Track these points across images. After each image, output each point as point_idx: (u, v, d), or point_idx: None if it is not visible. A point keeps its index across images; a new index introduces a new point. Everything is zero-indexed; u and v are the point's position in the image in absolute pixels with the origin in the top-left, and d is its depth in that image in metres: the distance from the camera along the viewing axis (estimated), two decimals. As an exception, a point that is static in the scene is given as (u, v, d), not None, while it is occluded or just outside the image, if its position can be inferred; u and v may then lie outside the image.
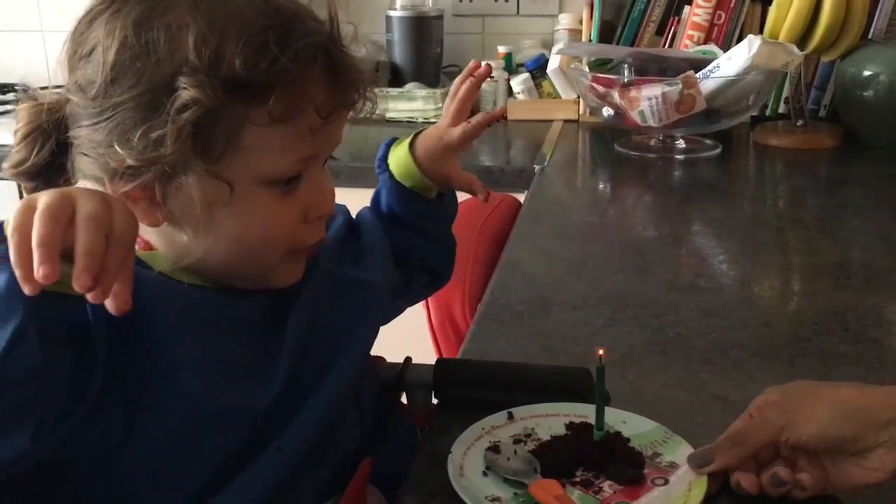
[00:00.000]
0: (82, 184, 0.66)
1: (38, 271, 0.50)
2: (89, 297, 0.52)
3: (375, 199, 0.91)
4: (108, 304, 0.53)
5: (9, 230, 0.52)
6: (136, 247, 0.69)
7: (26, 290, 0.51)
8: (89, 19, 0.64)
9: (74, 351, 0.58)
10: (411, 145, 0.88)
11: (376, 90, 0.72)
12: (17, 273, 0.51)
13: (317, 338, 0.73)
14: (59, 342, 0.57)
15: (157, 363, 0.64)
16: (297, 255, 0.71)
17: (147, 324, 0.63)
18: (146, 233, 0.69)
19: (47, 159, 0.68)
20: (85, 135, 0.64)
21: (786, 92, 1.88)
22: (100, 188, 0.66)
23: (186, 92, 0.59)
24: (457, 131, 0.87)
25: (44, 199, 0.52)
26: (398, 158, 0.88)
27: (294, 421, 0.70)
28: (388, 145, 0.90)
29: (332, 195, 0.71)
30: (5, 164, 0.69)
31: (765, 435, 0.66)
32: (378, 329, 0.81)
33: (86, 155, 0.64)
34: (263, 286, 0.72)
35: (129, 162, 0.61)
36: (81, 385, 0.60)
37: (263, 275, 0.71)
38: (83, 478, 0.65)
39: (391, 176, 0.88)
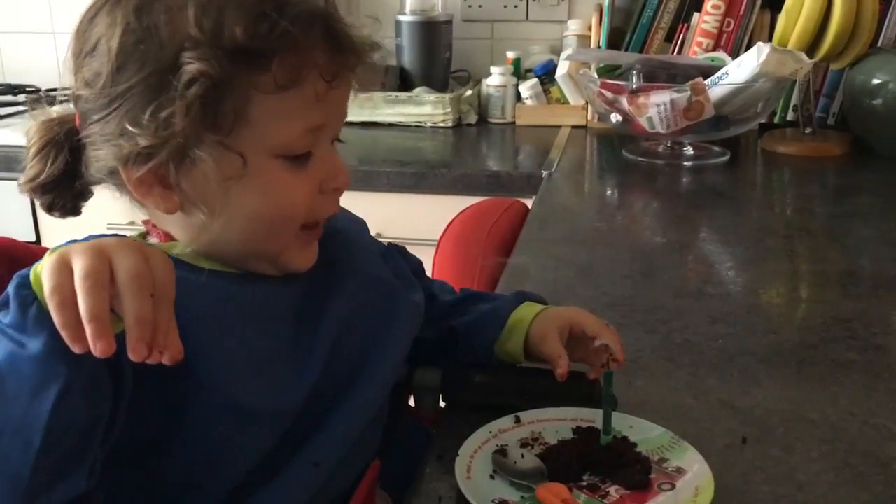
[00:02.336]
0: (97, 170, 0.66)
1: (96, 347, 0.51)
2: (148, 360, 0.53)
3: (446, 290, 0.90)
4: (164, 358, 0.53)
5: (46, 290, 0.52)
6: (156, 240, 0.70)
7: (76, 349, 0.51)
8: (90, 17, 0.65)
9: (110, 375, 0.58)
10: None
11: (381, 68, 0.72)
12: (65, 335, 0.51)
13: (353, 340, 0.73)
14: (100, 385, 0.57)
15: (186, 363, 0.61)
16: (311, 233, 0.71)
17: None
18: (163, 223, 0.69)
19: (61, 169, 0.68)
20: (97, 130, 0.64)
21: (794, 99, 1.88)
22: (113, 182, 0.67)
23: (191, 66, 0.60)
24: (593, 320, 0.81)
25: (80, 260, 0.52)
26: (523, 312, 0.84)
27: (327, 431, 0.70)
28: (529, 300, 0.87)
29: (344, 168, 0.71)
30: (21, 181, 0.70)
31: None
32: (408, 347, 0.80)
33: (98, 149, 0.65)
34: (278, 269, 0.71)
35: (142, 143, 0.61)
36: (118, 403, 0.60)
37: (278, 255, 0.70)
38: (114, 478, 0.64)
39: (503, 324, 0.83)
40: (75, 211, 0.72)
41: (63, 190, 0.70)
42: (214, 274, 0.68)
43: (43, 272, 0.52)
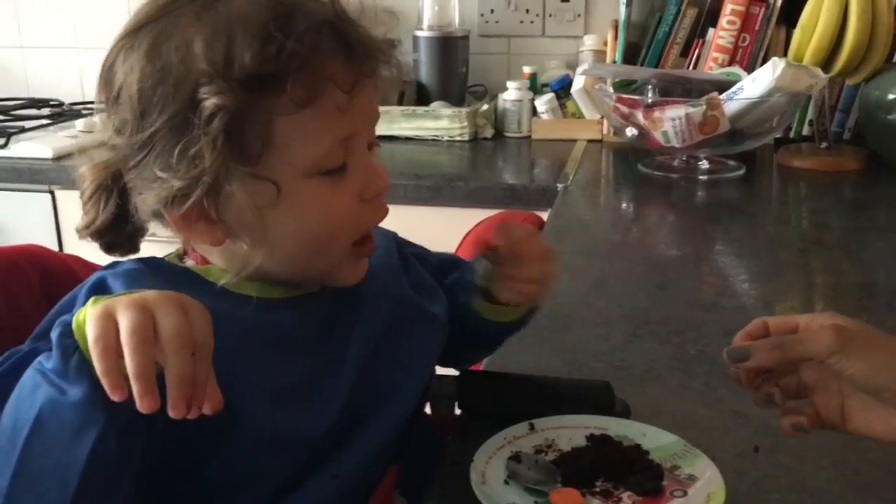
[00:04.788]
0: (143, 214, 0.68)
1: (142, 404, 0.52)
2: (188, 416, 0.54)
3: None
4: (204, 409, 0.55)
5: (90, 338, 0.53)
6: (192, 262, 0.71)
7: (115, 397, 0.53)
8: (109, 64, 0.66)
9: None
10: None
11: (401, 65, 0.70)
12: (106, 382, 0.52)
13: (379, 363, 0.73)
14: (134, 427, 0.58)
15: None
16: (363, 249, 0.71)
17: None
18: (211, 254, 0.70)
19: (113, 213, 0.70)
20: (135, 175, 0.65)
21: (810, 114, 1.89)
22: (160, 222, 0.68)
23: (209, 101, 0.60)
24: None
25: (125, 315, 0.53)
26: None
27: (351, 449, 0.71)
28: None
29: (384, 172, 0.70)
30: (78, 227, 0.71)
31: (814, 350, 0.63)
32: (434, 363, 0.80)
33: (140, 193, 0.66)
34: (328, 284, 0.72)
35: (176, 184, 0.62)
36: (150, 438, 0.61)
37: (329, 271, 0.70)
38: (143, 498, 0.66)
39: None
40: (133, 249, 0.73)
41: (118, 232, 0.71)
42: (243, 303, 0.68)
43: (87, 322, 0.53)
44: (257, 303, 0.69)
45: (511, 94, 2.04)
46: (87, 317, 0.54)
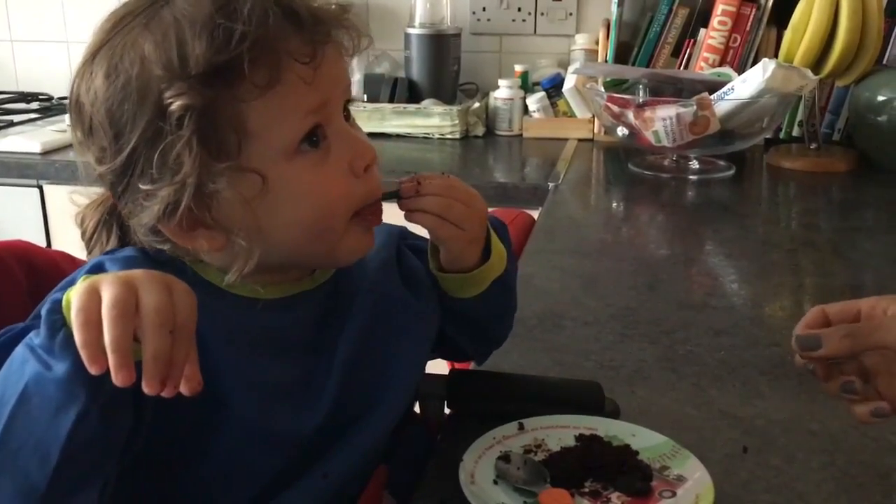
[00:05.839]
0: (143, 234, 0.67)
1: (117, 377, 0.52)
2: (162, 394, 0.54)
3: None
4: (182, 388, 0.54)
5: (73, 310, 0.53)
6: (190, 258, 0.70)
7: (93, 370, 0.52)
8: (75, 98, 0.65)
9: (133, 397, 0.58)
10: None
11: (368, 39, 0.69)
12: (84, 354, 0.52)
13: (366, 363, 0.73)
14: (120, 407, 0.58)
15: (210, 388, 0.62)
16: (364, 221, 0.69)
17: (199, 351, 0.60)
18: (214, 260, 0.68)
19: (117, 246, 0.70)
20: (127, 199, 0.65)
21: (800, 115, 1.89)
22: (161, 239, 0.67)
23: (174, 104, 0.60)
24: None
25: (109, 289, 0.53)
26: None
27: (342, 448, 0.71)
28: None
29: (367, 141, 0.69)
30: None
31: (891, 339, 0.61)
32: (427, 360, 0.80)
33: (135, 216, 0.65)
34: (334, 264, 0.71)
35: (163, 195, 0.61)
36: (139, 423, 0.61)
37: (333, 250, 0.69)
38: (132, 489, 0.66)
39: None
40: None
41: None
42: (238, 301, 0.68)
43: (73, 295, 0.54)
44: (251, 303, 0.69)
45: (502, 92, 2.04)
46: (74, 291, 0.54)
